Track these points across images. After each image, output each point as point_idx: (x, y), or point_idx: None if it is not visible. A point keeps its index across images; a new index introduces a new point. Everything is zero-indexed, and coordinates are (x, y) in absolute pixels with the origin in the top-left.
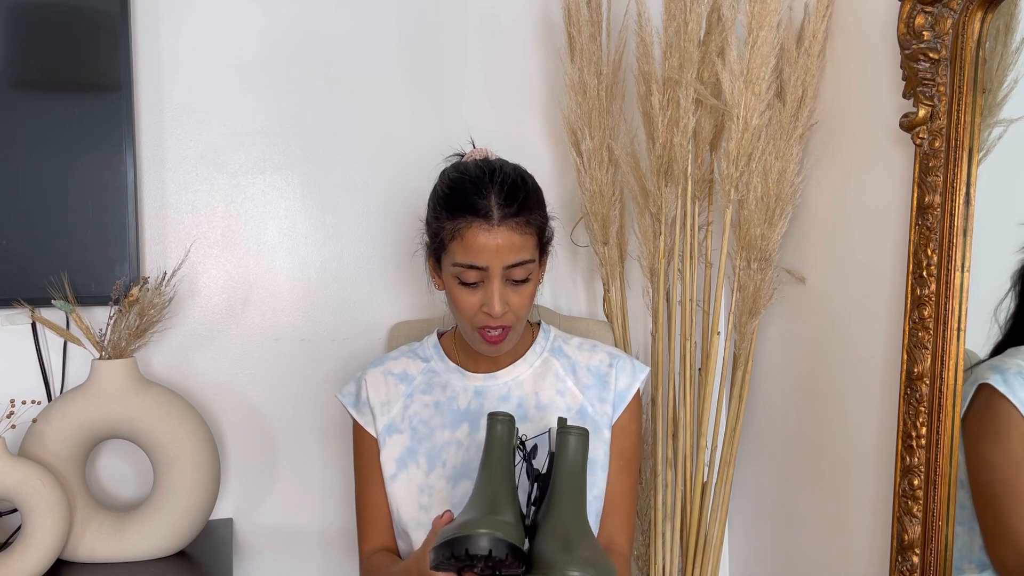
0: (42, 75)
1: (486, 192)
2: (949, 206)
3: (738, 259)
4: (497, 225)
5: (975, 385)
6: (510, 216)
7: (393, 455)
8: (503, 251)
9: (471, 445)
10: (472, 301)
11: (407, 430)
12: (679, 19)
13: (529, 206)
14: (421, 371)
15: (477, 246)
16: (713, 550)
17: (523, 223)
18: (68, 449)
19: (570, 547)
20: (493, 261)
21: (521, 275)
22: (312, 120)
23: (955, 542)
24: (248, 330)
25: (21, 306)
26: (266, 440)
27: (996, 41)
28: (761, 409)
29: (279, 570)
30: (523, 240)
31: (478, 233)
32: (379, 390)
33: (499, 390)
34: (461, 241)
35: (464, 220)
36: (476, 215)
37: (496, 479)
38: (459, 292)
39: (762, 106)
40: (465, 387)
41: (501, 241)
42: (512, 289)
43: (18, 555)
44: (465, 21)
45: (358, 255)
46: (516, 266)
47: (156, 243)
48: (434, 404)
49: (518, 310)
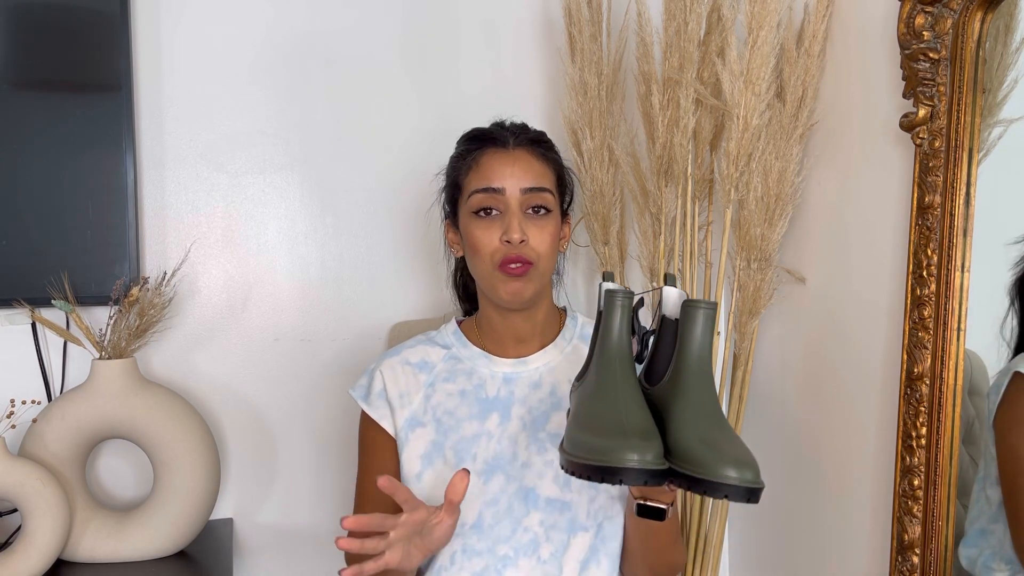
0: (42, 75)
1: (501, 128)
2: (949, 206)
3: (738, 259)
4: (513, 148)
5: (1008, 375)
6: (526, 142)
7: (418, 452)
8: (519, 173)
9: (503, 436)
10: (490, 236)
11: (431, 422)
12: (679, 19)
13: (545, 142)
14: (443, 358)
15: (493, 167)
16: (713, 550)
17: (540, 152)
18: (68, 449)
19: (712, 442)
20: (509, 182)
21: (540, 203)
22: (312, 120)
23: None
24: (248, 330)
25: (21, 306)
26: (266, 440)
27: (996, 41)
28: (761, 409)
29: (279, 570)
30: (541, 167)
31: (494, 155)
32: (397, 381)
33: (530, 376)
34: (477, 168)
35: (479, 150)
36: (492, 142)
37: (621, 378)
38: (476, 227)
39: (762, 106)
40: (493, 373)
41: (517, 161)
42: (531, 221)
43: (18, 555)
44: (465, 21)
45: (358, 255)
46: (534, 191)
47: (156, 243)
48: (459, 393)
49: (539, 247)
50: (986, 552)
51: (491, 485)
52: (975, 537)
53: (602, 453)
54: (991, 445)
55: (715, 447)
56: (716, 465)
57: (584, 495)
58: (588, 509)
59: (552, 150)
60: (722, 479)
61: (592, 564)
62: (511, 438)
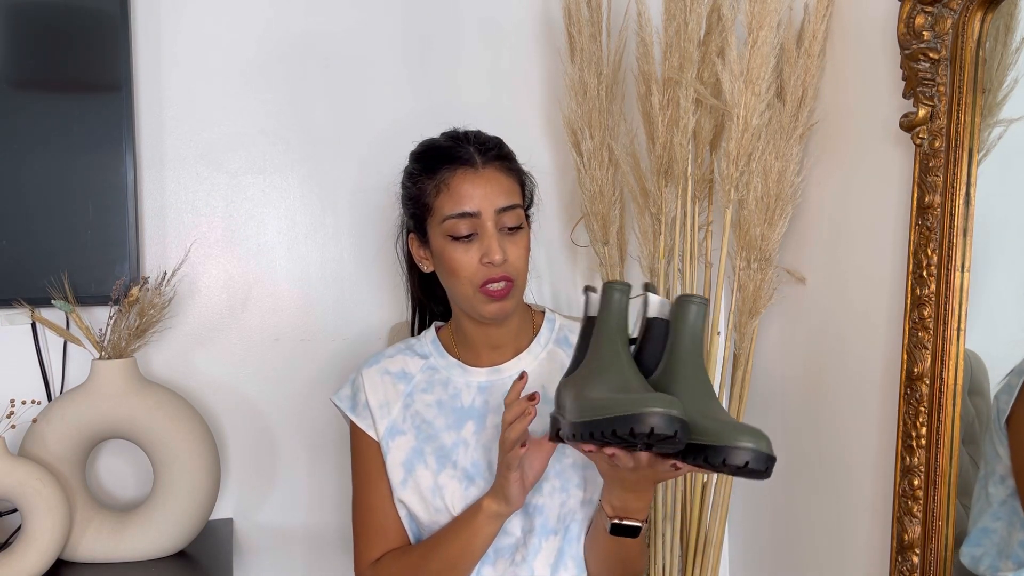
0: (42, 75)
1: (463, 143)
2: (949, 206)
3: (738, 259)
4: (482, 167)
5: (1022, 377)
6: (493, 159)
7: (399, 459)
8: (492, 194)
9: (477, 445)
10: (469, 258)
11: (410, 430)
12: (679, 19)
13: (507, 154)
14: (420, 369)
15: (466, 191)
16: (713, 550)
17: (506, 166)
18: (68, 449)
19: (718, 417)
20: (484, 204)
21: (513, 221)
22: (312, 120)
23: (988, 538)
24: (248, 330)
25: (21, 306)
26: (266, 440)
27: (996, 41)
28: (761, 409)
29: (279, 570)
30: (510, 183)
31: (464, 178)
32: (376, 391)
33: (504, 385)
34: (448, 192)
35: (447, 170)
36: (459, 163)
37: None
38: (453, 251)
39: (762, 106)
40: (468, 383)
41: (489, 183)
42: (507, 239)
43: (18, 555)
44: (465, 21)
45: (358, 255)
46: (507, 210)
47: (156, 243)
48: (436, 403)
49: (516, 262)
50: (991, 551)
51: (470, 491)
52: (978, 536)
53: (625, 405)
54: (996, 444)
55: (723, 421)
56: (732, 434)
57: (555, 499)
58: (559, 513)
59: (514, 160)
60: (741, 445)
61: (560, 567)
62: (485, 446)
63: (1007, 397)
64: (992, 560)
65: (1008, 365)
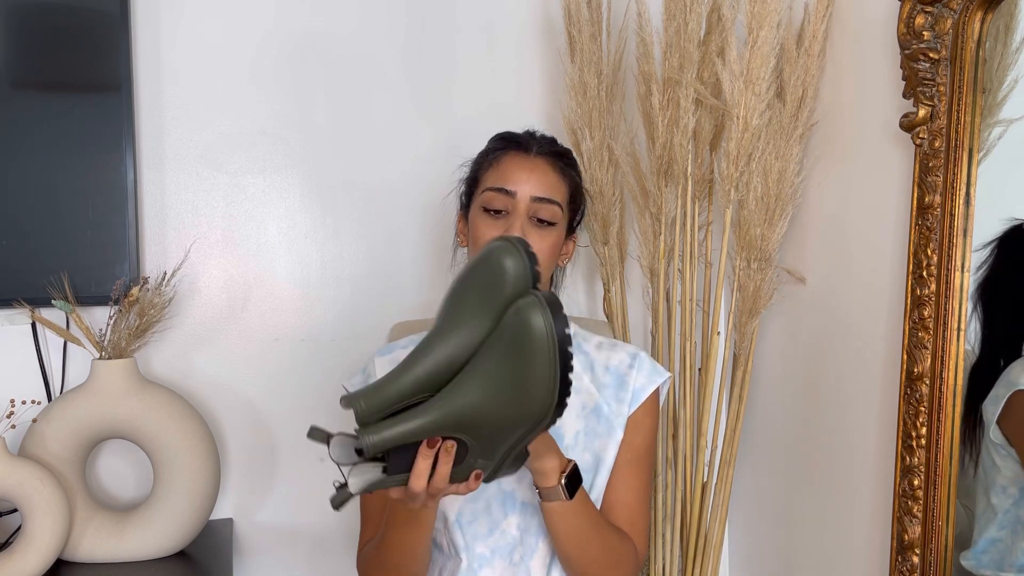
0: (42, 75)
1: (531, 136)
2: (949, 206)
3: (738, 259)
4: (534, 155)
5: (1011, 390)
6: (547, 152)
7: None
8: (534, 180)
9: None
10: (492, 232)
11: None
12: (679, 19)
13: (563, 153)
14: None
15: (510, 170)
16: (713, 550)
17: (559, 165)
18: (68, 449)
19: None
20: (523, 187)
21: (547, 215)
22: (312, 120)
23: (994, 547)
24: (248, 330)
25: (21, 306)
26: (266, 440)
27: (996, 41)
28: (761, 409)
29: (279, 570)
30: (556, 180)
31: (513, 158)
32: None
33: None
34: (496, 167)
35: (503, 149)
36: (515, 146)
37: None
38: (482, 222)
39: (762, 106)
40: None
41: (535, 171)
42: (535, 230)
43: (18, 555)
44: (465, 22)
45: (358, 255)
46: (543, 202)
47: (156, 243)
48: None
49: (536, 253)
50: (995, 557)
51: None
52: (985, 545)
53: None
54: (993, 454)
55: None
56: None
57: None
58: None
59: (572, 166)
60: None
61: (554, 568)
62: None
63: (993, 408)
64: (995, 566)
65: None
